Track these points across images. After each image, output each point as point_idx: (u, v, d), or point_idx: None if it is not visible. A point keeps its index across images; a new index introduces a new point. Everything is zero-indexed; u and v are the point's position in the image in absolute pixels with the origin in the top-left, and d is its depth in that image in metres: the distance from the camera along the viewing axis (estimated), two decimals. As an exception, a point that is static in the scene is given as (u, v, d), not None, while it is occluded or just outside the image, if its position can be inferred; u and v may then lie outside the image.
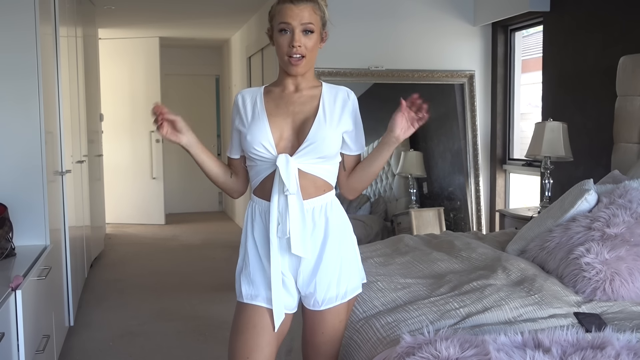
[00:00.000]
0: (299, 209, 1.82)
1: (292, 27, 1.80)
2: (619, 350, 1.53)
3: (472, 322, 1.97)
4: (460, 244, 2.86)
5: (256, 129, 1.83)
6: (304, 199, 1.84)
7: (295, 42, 1.79)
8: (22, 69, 3.03)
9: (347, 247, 1.92)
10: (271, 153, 1.83)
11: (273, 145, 1.83)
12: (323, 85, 1.92)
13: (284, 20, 1.80)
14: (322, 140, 1.82)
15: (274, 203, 1.82)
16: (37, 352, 2.56)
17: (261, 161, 1.86)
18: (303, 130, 1.84)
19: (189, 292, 4.91)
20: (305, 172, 1.84)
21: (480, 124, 4.90)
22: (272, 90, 1.93)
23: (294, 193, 1.81)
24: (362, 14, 4.66)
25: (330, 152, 1.85)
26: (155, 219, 8.04)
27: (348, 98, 1.90)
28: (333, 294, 1.87)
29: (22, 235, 3.03)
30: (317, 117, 1.84)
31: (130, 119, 7.92)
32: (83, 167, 4.78)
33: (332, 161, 1.89)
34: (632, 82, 3.30)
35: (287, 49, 1.81)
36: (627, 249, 2.25)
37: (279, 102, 1.89)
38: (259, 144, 1.82)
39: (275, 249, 1.82)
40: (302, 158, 1.82)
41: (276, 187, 1.82)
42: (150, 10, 6.41)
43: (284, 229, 1.81)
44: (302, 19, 1.79)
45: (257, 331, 1.84)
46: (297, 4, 1.79)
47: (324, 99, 1.88)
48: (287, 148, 1.84)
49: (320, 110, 1.85)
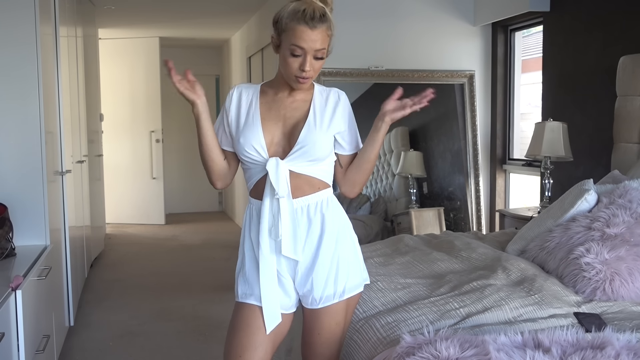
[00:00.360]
0: (289, 212, 1.83)
1: (305, 52, 1.78)
2: (619, 350, 1.53)
3: (472, 322, 1.97)
4: (460, 244, 2.86)
5: (249, 132, 1.84)
6: (298, 197, 1.85)
7: (306, 67, 1.78)
8: (22, 69, 3.03)
9: (345, 244, 1.92)
10: (262, 156, 1.84)
11: (265, 148, 1.84)
12: (315, 88, 1.92)
13: (297, 43, 1.76)
14: (313, 144, 1.82)
15: (266, 206, 1.83)
16: (37, 352, 2.56)
17: (253, 164, 1.87)
18: (293, 134, 1.85)
19: (189, 292, 4.91)
20: (298, 172, 1.85)
21: (480, 124, 4.90)
22: (267, 91, 1.93)
23: (284, 196, 1.81)
24: (362, 14, 4.66)
25: (321, 155, 1.86)
26: (155, 219, 8.04)
27: (339, 99, 1.91)
28: (330, 291, 1.87)
29: (22, 235, 3.03)
30: (307, 121, 1.85)
31: (130, 119, 7.92)
32: (83, 167, 4.78)
33: (325, 162, 1.90)
34: (632, 82, 3.30)
35: (296, 71, 1.80)
36: (627, 249, 2.25)
37: (272, 105, 1.90)
38: (251, 146, 1.83)
39: (266, 251, 1.84)
40: (294, 161, 1.84)
41: (267, 189, 1.83)
42: (150, 10, 6.41)
43: (277, 231, 1.82)
44: (316, 46, 1.77)
45: (252, 330, 1.84)
46: (314, 29, 1.75)
47: (315, 102, 1.89)
48: (278, 152, 1.86)
49: (311, 114, 1.86)
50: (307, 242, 1.87)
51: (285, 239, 1.82)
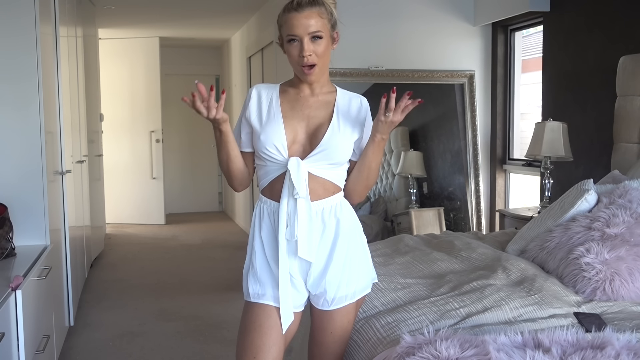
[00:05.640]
0: (307, 212, 1.82)
1: (299, 37, 1.79)
2: (619, 351, 1.53)
3: (472, 322, 1.97)
4: (460, 244, 2.86)
5: (270, 130, 1.83)
6: (313, 201, 1.84)
7: (304, 52, 1.79)
8: (22, 69, 3.03)
9: (357, 246, 1.93)
10: (282, 155, 1.83)
11: (285, 147, 1.83)
12: (337, 91, 1.92)
13: (290, 32, 1.79)
14: (335, 147, 1.83)
15: (283, 205, 1.82)
16: (37, 352, 2.56)
17: (271, 162, 1.86)
18: (316, 135, 1.84)
19: (189, 292, 4.91)
20: (314, 175, 1.84)
21: (480, 124, 4.90)
22: (288, 90, 1.92)
23: (304, 197, 1.81)
24: (362, 14, 4.66)
25: (342, 159, 1.86)
26: (155, 219, 8.04)
27: (362, 106, 1.92)
28: (343, 293, 1.88)
29: (22, 235, 3.03)
30: (332, 124, 1.85)
31: (130, 119, 7.92)
32: (83, 167, 4.78)
33: (342, 167, 1.90)
34: (632, 82, 3.30)
35: (297, 58, 1.81)
36: (627, 249, 2.25)
37: (294, 104, 1.89)
38: (272, 144, 1.82)
39: (283, 252, 1.83)
40: (314, 163, 1.83)
41: (286, 189, 1.82)
42: (150, 10, 6.42)
43: (292, 232, 1.82)
44: (309, 28, 1.78)
45: (264, 330, 1.84)
46: (301, 11, 1.78)
47: (339, 106, 1.89)
48: (298, 151, 1.85)
49: (335, 117, 1.86)
50: (320, 244, 1.87)
51: (301, 240, 1.82)
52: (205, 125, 9.19)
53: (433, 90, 4.79)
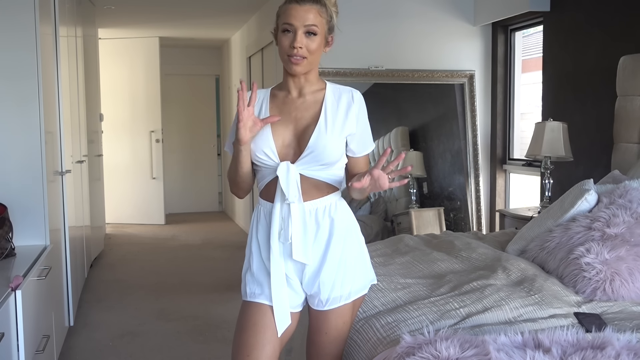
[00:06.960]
0: (300, 215, 1.82)
1: (294, 27, 1.79)
2: (619, 351, 1.53)
3: (472, 322, 1.97)
4: (460, 244, 2.86)
5: (258, 137, 1.83)
6: (306, 201, 1.84)
7: (296, 43, 1.78)
8: (22, 69, 3.02)
9: (353, 247, 1.92)
10: (273, 160, 1.83)
11: (275, 152, 1.83)
12: (327, 87, 1.89)
13: (287, 20, 1.79)
14: (323, 148, 1.81)
15: (276, 209, 1.83)
16: (37, 352, 2.56)
17: (265, 167, 1.86)
18: (304, 137, 1.83)
19: (189, 292, 4.91)
20: (307, 176, 1.84)
21: (480, 124, 4.90)
22: (277, 94, 1.91)
23: (294, 201, 1.81)
24: (362, 14, 4.66)
25: (332, 159, 1.84)
26: (155, 219, 8.04)
27: (352, 100, 1.87)
28: (337, 294, 1.87)
29: (22, 235, 3.03)
30: (318, 125, 1.82)
31: (130, 119, 7.92)
32: (83, 167, 4.78)
33: (335, 166, 1.88)
34: (632, 82, 3.30)
35: (287, 49, 1.80)
36: (627, 249, 2.25)
37: (282, 107, 1.88)
38: (261, 151, 1.83)
39: (276, 254, 1.83)
40: (304, 165, 1.83)
41: (279, 194, 1.83)
42: (150, 10, 6.42)
43: (286, 235, 1.82)
44: (306, 21, 1.78)
45: (258, 329, 1.84)
46: (302, 4, 1.78)
47: (327, 104, 1.86)
48: (289, 155, 1.84)
49: (322, 117, 1.83)
50: (314, 245, 1.86)
51: (295, 243, 1.82)
52: (205, 125, 9.20)
53: (433, 90, 4.79)
